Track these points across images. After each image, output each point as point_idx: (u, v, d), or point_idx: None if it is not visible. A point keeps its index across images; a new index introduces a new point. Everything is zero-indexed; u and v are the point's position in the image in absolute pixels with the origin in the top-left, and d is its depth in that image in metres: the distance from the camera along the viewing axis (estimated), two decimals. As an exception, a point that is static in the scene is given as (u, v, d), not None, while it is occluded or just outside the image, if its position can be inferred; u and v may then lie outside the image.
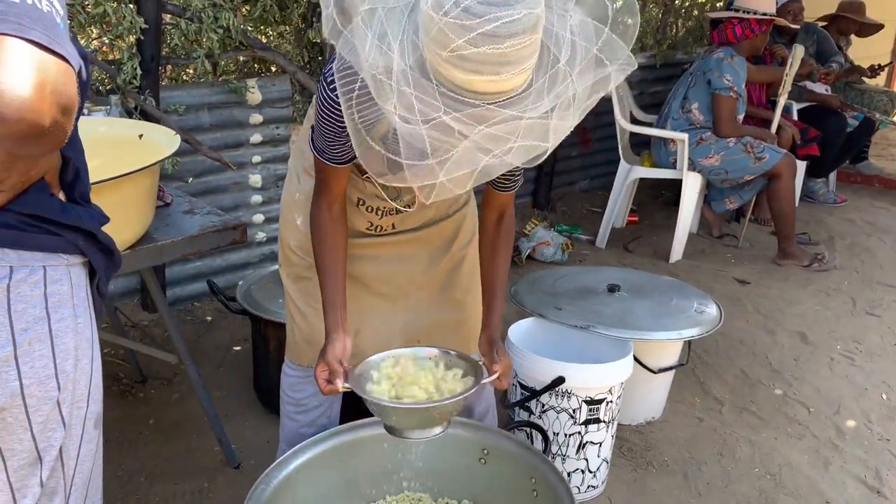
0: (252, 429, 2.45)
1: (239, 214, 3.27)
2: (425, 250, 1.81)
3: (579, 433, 2.09)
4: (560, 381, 2.01)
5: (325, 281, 1.58)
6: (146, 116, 2.72)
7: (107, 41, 2.82)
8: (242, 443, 2.36)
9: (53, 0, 0.86)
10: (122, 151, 1.89)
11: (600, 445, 2.13)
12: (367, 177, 1.68)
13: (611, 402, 2.10)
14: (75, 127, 1.12)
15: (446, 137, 1.12)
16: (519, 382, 2.13)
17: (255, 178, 3.26)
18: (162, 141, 1.87)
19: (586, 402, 2.05)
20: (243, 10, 2.98)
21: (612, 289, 2.49)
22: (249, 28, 3.08)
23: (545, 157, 1.21)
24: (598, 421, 2.09)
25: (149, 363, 2.72)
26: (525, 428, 2.08)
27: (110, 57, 2.82)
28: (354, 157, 1.38)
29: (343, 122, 1.26)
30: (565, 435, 2.09)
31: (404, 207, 1.71)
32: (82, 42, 2.71)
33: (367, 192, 1.69)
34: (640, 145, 4.62)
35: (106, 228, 1.59)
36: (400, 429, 1.51)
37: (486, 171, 1.19)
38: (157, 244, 1.77)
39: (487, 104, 1.08)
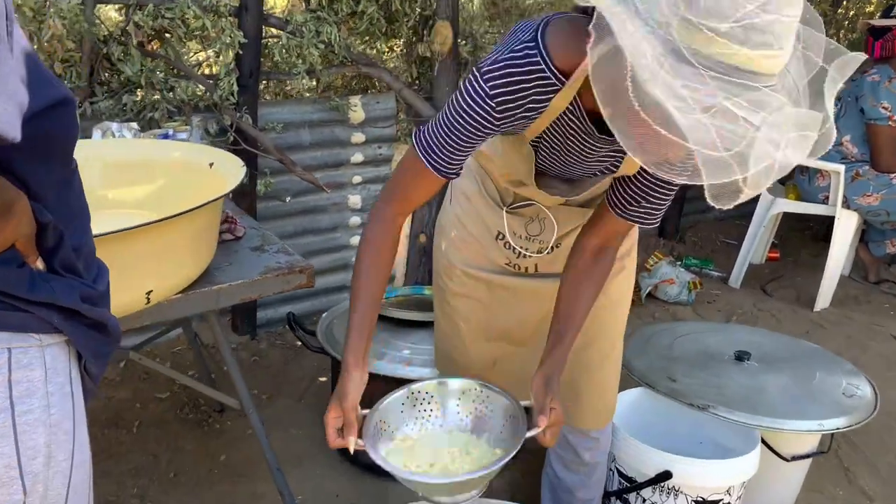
0: (322, 477, 2.27)
1: (337, 236, 3.13)
2: None
3: (687, 536, 1.75)
4: (666, 476, 1.69)
5: (359, 302, 1.32)
6: (241, 134, 2.61)
7: (211, 55, 2.74)
8: (309, 493, 2.18)
9: None
10: (189, 180, 1.75)
11: (713, 552, 1.78)
12: (509, 209, 1.52)
13: (729, 503, 1.74)
14: (60, 188, 0.95)
15: (732, 126, 0.91)
16: (617, 468, 1.81)
17: (355, 199, 3.10)
18: (231, 171, 1.72)
19: (697, 502, 1.71)
20: (349, 23, 2.81)
21: (741, 357, 2.11)
22: (356, 42, 2.92)
23: (821, 150, 1.00)
24: (711, 524, 1.74)
25: (229, 390, 2.61)
26: (621, 523, 1.77)
27: (210, 72, 2.74)
28: (459, 172, 1.25)
29: (481, 129, 1.15)
30: (670, 536, 1.76)
31: (535, 253, 1.54)
32: (185, 57, 2.64)
33: (508, 228, 1.53)
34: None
35: (148, 274, 1.45)
36: (427, 495, 1.29)
37: (783, 166, 0.97)
38: (213, 289, 1.60)
39: (764, 86, 0.91)
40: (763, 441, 1.93)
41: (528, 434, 1.26)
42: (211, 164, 1.79)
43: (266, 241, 1.87)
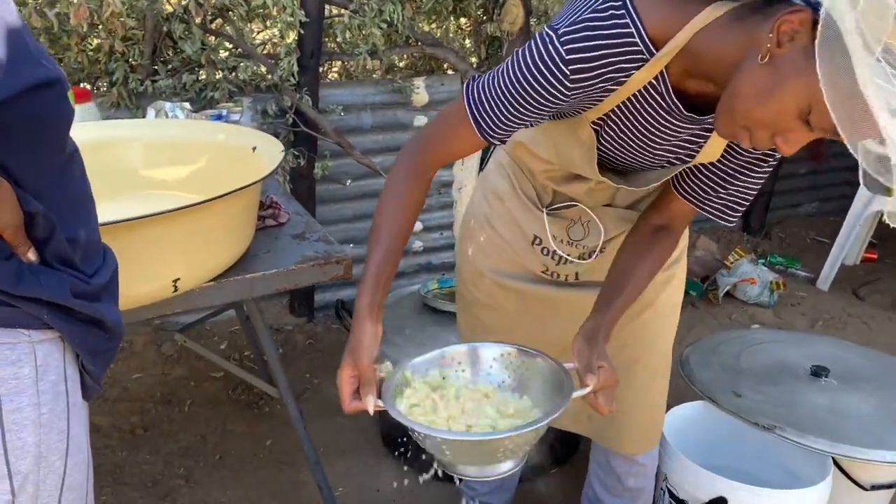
0: (365, 472, 2.22)
1: (398, 221, 3.06)
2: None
3: (743, 567, 1.60)
4: (721, 502, 1.54)
5: (378, 247, 1.14)
6: (301, 116, 2.56)
7: (275, 33, 2.70)
8: (350, 486, 2.14)
9: None
10: (231, 163, 1.71)
11: (772, 586, 1.63)
12: (549, 210, 1.38)
13: (792, 536, 1.58)
14: (53, 176, 0.89)
15: None
16: (668, 489, 1.68)
17: (417, 184, 3.02)
18: (273, 156, 1.66)
19: (756, 533, 1.56)
20: (415, 1, 2.71)
21: (818, 372, 1.92)
22: (422, 21, 2.82)
23: None
24: (771, 557, 1.59)
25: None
26: (670, 547, 1.64)
27: (273, 52, 2.70)
28: (505, 140, 1.10)
29: (545, 100, 1.01)
30: (724, 566, 1.61)
31: (577, 259, 1.40)
32: (248, 37, 2.60)
33: (547, 231, 1.38)
34: (890, 168, 3.77)
35: (175, 261, 1.39)
36: (452, 463, 1.12)
37: None
38: (247, 278, 1.55)
39: None
40: (838, 465, 1.75)
41: (576, 394, 1.08)
42: (254, 148, 1.74)
43: (309, 228, 1.81)
